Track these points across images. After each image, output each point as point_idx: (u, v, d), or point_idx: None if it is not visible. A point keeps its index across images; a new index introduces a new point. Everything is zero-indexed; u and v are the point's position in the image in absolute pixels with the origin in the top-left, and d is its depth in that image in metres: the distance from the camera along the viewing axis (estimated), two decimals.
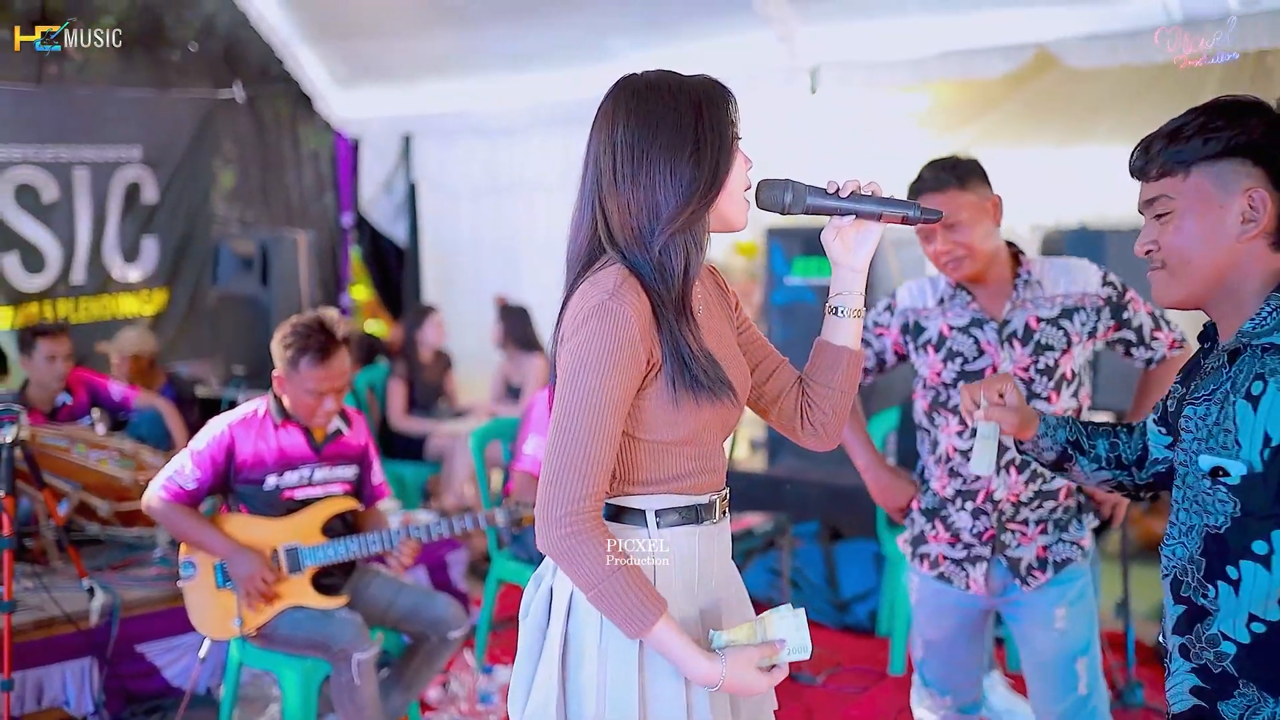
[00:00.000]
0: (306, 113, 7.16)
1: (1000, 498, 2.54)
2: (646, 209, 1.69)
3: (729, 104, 1.72)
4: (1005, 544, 2.55)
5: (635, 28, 5.83)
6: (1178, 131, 1.61)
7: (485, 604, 4.27)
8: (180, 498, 3.20)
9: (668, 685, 1.71)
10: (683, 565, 1.75)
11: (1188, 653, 1.62)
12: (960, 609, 2.64)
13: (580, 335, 1.66)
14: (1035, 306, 2.52)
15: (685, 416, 1.71)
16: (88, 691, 3.63)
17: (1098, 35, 4.71)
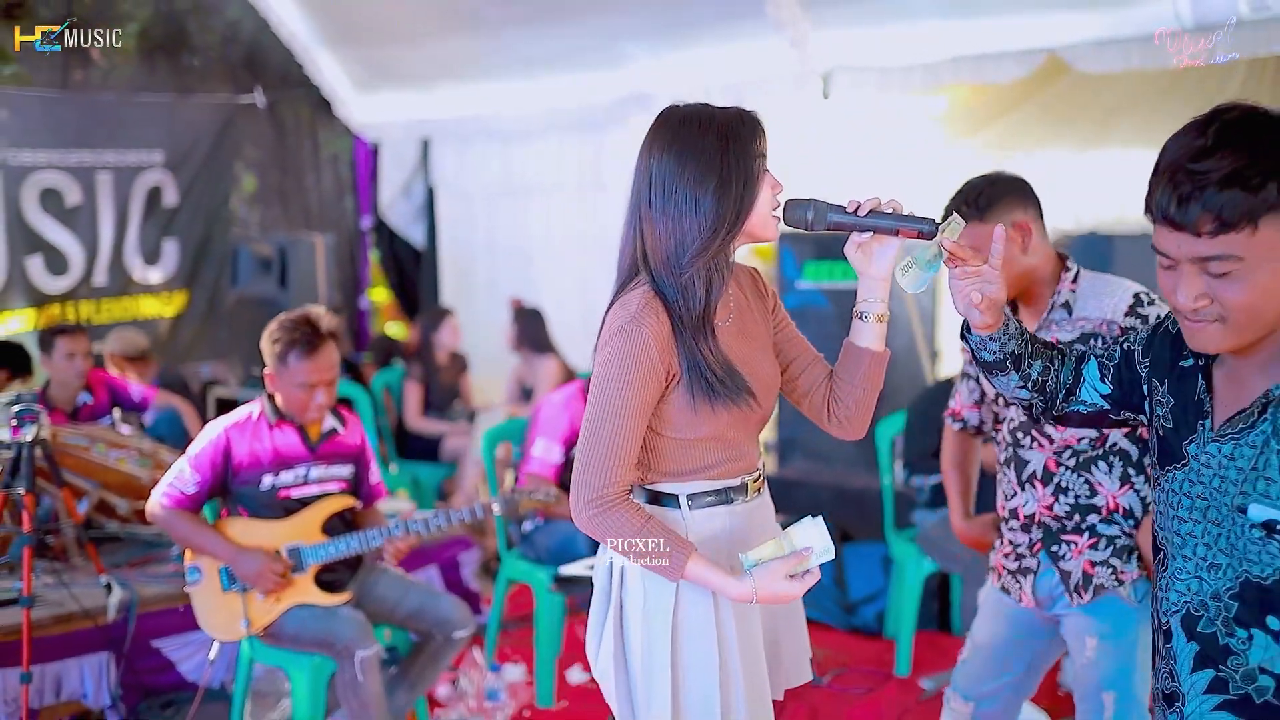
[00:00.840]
0: (326, 117, 7.26)
1: (1032, 513, 2.51)
2: (675, 238, 1.88)
3: (756, 136, 1.89)
4: (1057, 554, 2.49)
5: (649, 33, 5.88)
6: (1237, 177, 1.37)
7: (495, 603, 4.31)
8: (182, 503, 3.25)
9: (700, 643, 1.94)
10: (713, 541, 1.97)
11: (1225, 686, 1.55)
12: (1013, 620, 2.59)
13: (605, 352, 1.90)
14: (1059, 329, 2.45)
15: (704, 419, 1.93)
16: (105, 685, 3.70)
17: (1109, 40, 4.71)
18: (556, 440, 4.09)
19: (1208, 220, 1.39)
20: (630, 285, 1.93)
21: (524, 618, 4.76)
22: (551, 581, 3.92)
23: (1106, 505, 2.44)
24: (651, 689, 1.94)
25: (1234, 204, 1.37)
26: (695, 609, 1.95)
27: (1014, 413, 2.55)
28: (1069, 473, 2.46)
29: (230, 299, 6.26)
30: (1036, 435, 2.49)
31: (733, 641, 1.95)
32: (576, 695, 4.11)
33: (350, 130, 7.36)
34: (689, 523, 1.97)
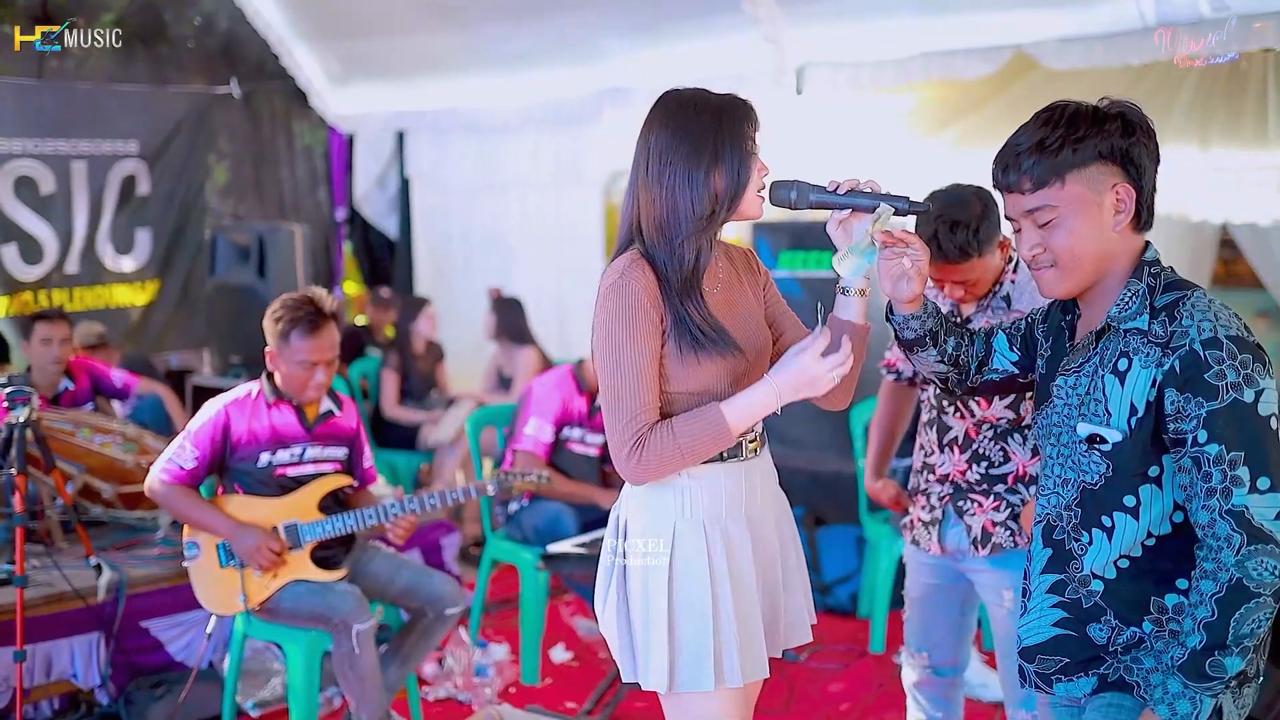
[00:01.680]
0: (301, 109, 7.28)
1: (947, 473, 2.70)
2: (667, 207, 2.01)
3: (748, 120, 2.03)
4: (962, 509, 2.69)
5: (626, 28, 5.95)
6: (1042, 145, 1.76)
7: (479, 584, 4.39)
8: (181, 479, 3.31)
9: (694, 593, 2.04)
10: (712, 497, 2.07)
11: (1063, 588, 1.86)
12: (935, 569, 2.79)
13: (602, 312, 2.01)
14: (994, 316, 2.61)
15: (693, 371, 2.02)
16: (94, 665, 3.74)
17: (1074, 38, 4.85)
18: (548, 420, 4.17)
19: (1025, 180, 1.78)
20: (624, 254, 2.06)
21: (505, 600, 4.84)
22: (538, 560, 4.00)
23: (1015, 472, 2.63)
24: (650, 638, 2.04)
25: (1041, 165, 1.76)
26: (689, 564, 2.04)
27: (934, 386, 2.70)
28: (987, 441, 2.64)
29: (208, 287, 6.27)
30: (960, 408, 2.67)
31: (726, 593, 2.04)
32: (560, 673, 4.19)
33: (325, 122, 7.38)
34: (689, 479, 2.05)
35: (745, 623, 2.06)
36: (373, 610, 3.36)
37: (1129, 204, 1.77)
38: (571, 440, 4.32)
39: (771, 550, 2.16)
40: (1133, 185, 1.77)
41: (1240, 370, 1.67)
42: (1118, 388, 1.76)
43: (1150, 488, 1.77)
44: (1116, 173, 1.77)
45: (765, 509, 2.15)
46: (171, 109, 6.62)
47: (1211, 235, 6.12)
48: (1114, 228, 1.78)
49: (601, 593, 2.16)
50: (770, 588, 2.15)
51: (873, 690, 4.01)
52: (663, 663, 2.03)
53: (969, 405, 2.65)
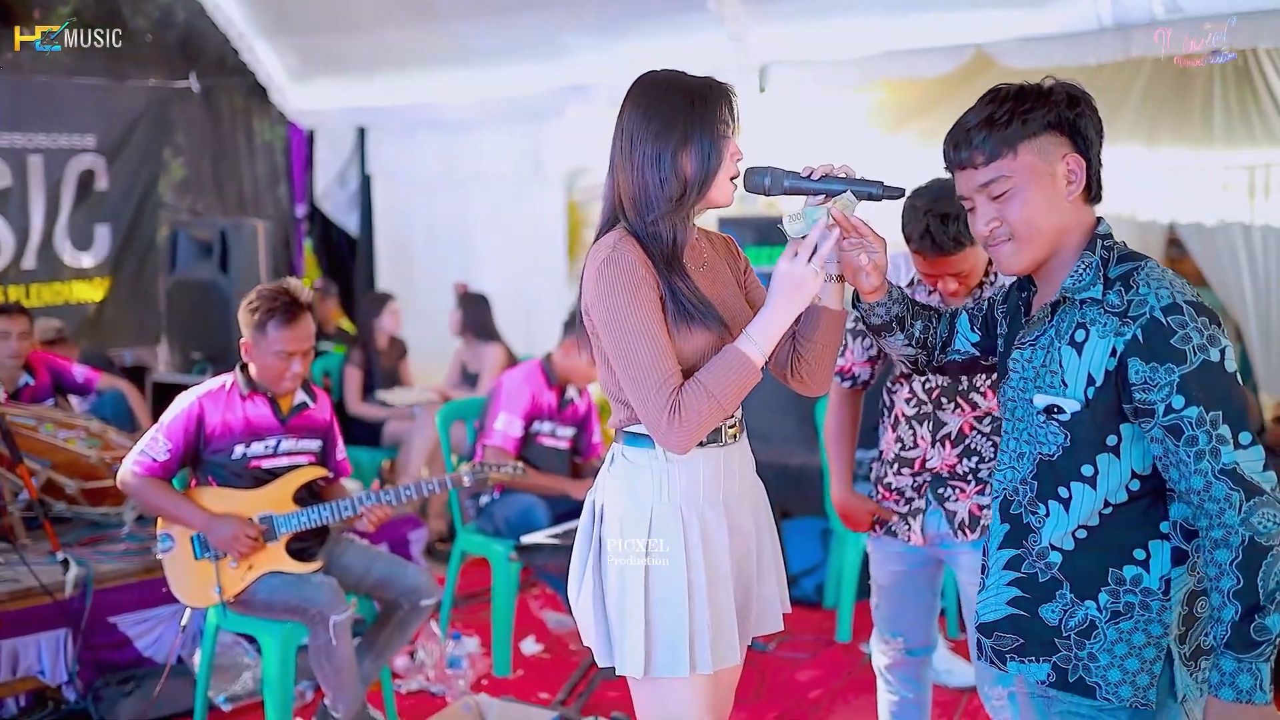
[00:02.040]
0: (261, 104, 7.23)
1: (933, 466, 2.72)
2: (638, 186, 2.02)
3: (721, 103, 2.02)
4: (944, 496, 2.71)
5: (590, 25, 5.97)
6: (991, 120, 1.79)
7: (449, 578, 4.40)
8: (154, 471, 3.28)
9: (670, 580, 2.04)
10: (690, 481, 2.07)
11: (1019, 563, 1.87)
12: (906, 556, 2.83)
13: (600, 286, 1.99)
14: None
15: (682, 345, 2.01)
16: (62, 661, 3.71)
17: (1033, 38, 4.95)
18: (517, 414, 4.19)
19: (978, 155, 1.80)
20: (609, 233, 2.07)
21: (473, 594, 4.85)
22: (511, 552, 4.01)
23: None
24: (626, 622, 2.04)
25: (991, 139, 1.79)
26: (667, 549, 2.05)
27: (934, 379, 2.71)
28: (981, 437, 2.67)
29: (168, 284, 6.20)
30: (961, 402, 2.68)
31: (701, 579, 2.04)
32: (531, 665, 4.21)
33: (286, 118, 7.34)
34: (667, 462, 2.05)
35: (718, 609, 2.07)
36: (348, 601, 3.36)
37: (1080, 174, 1.80)
38: (542, 434, 4.34)
39: (748, 538, 2.16)
40: (1081, 155, 1.80)
41: (1203, 331, 1.69)
42: (1075, 358, 1.78)
43: (1109, 456, 1.79)
44: (1065, 143, 1.80)
45: (743, 496, 2.15)
46: (129, 103, 6.55)
47: (1159, 234, 6.25)
48: (1067, 197, 1.81)
49: (576, 578, 2.15)
50: (744, 575, 2.15)
51: (841, 677, 4.07)
52: (638, 647, 2.03)
53: (971, 398, 2.66)
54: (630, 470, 2.08)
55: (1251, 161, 5.76)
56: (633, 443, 2.10)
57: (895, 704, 2.95)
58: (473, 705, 3.30)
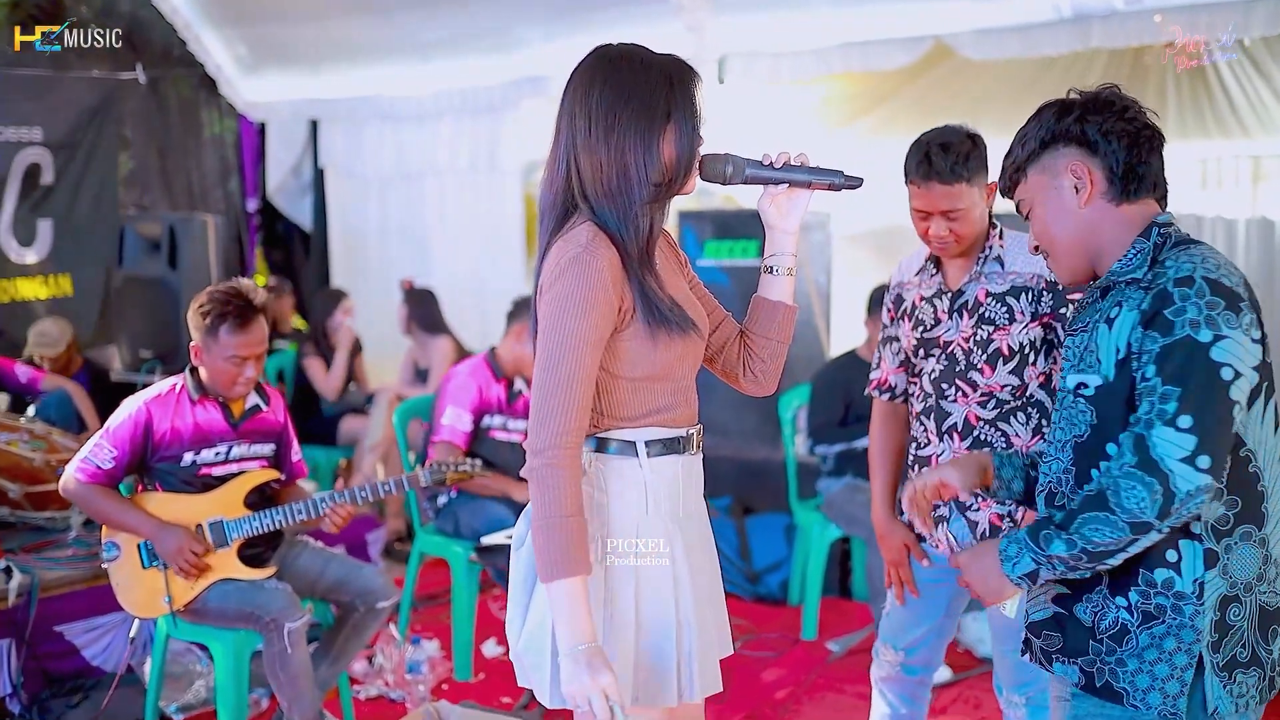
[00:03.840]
0: (210, 96, 7.08)
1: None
2: (616, 168, 1.84)
3: (696, 82, 1.88)
4: (966, 505, 2.59)
5: (545, 17, 5.91)
6: (1009, 153, 1.91)
7: (408, 579, 4.32)
8: (98, 478, 3.16)
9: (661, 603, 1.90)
10: (669, 492, 1.94)
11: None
12: (929, 572, 2.69)
13: (559, 285, 1.83)
14: (989, 280, 2.55)
15: (661, 352, 1.89)
16: (5, 672, 3.59)
17: (990, 29, 4.94)
18: (465, 408, 4.11)
19: (1006, 184, 1.93)
20: (570, 223, 1.88)
21: (432, 596, 4.77)
22: (470, 553, 3.94)
23: None
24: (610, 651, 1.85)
25: (1010, 172, 1.90)
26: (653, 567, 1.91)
27: (933, 364, 2.63)
28: (988, 426, 2.57)
29: (117, 279, 6.05)
30: (960, 385, 2.58)
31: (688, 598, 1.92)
32: (493, 668, 4.14)
33: (235, 110, 7.19)
34: (648, 471, 1.90)
35: (705, 632, 1.94)
36: (303, 607, 3.27)
37: (1087, 177, 1.81)
38: (494, 428, 4.25)
39: (710, 551, 2.04)
40: (1091, 159, 1.81)
41: (1204, 310, 1.65)
42: (1107, 334, 1.76)
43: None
44: (1071, 152, 1.82)
45: (700, 506, 2.03)
46: (74, 95, 6.36)
47: None
48: (1081, 204, 1.82)
49: (519, 612, 1.94)
50: (714, 593, 2.03)
51: (808, 676, 4.03)
52: (626, 676, 1.87)
53: (970, 378, 2.56)
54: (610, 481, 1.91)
55: (1204, 155, 5.80)
56: (606, 449, 1.92)
57: (887, 717, 2.83)
58: (433, 712, 3.22)
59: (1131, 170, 1.81)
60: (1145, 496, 1.63)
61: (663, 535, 1.92)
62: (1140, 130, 1.82)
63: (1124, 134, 1.81)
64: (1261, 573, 1.73)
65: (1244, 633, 1.72)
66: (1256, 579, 1.72)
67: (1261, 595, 1.73)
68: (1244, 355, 1.66)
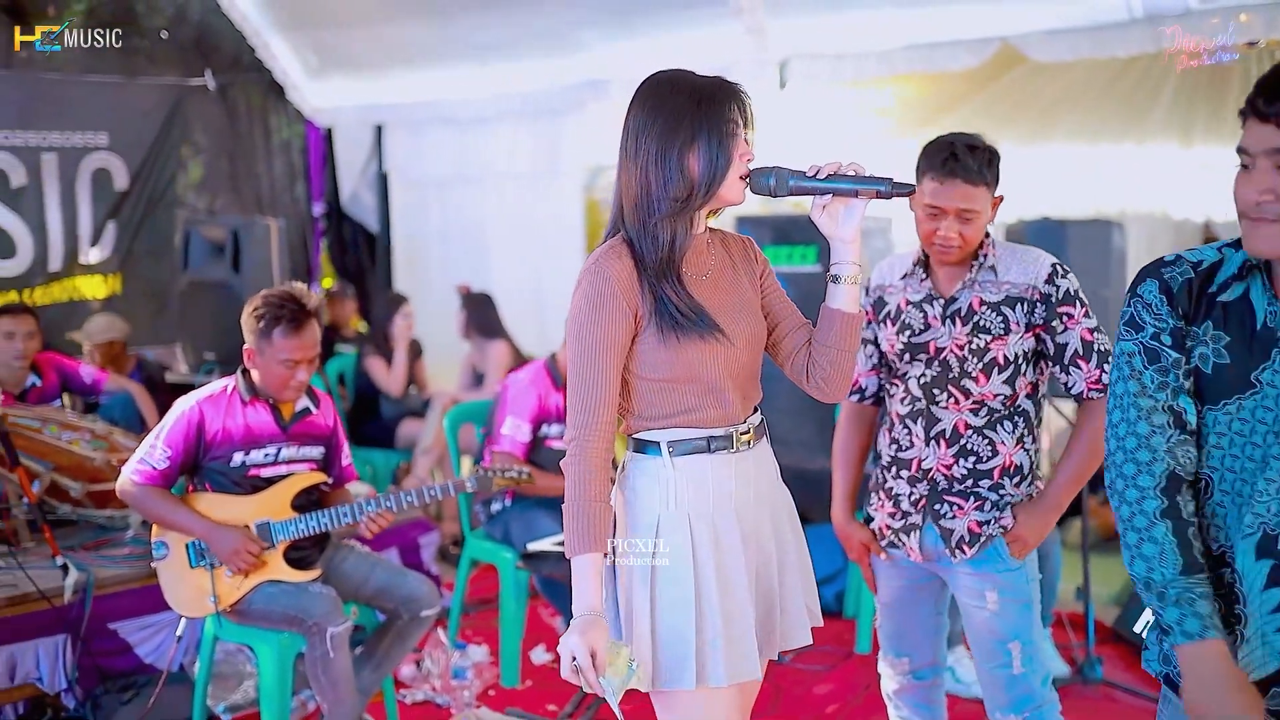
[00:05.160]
0: (278, 102, 7.17)
1: (930, 468, 2.60)
2: (640, 186, 1.99)
3: (729, 102, 1.97)
4: (939, 513, 2.60)
5: (605, 20, 5.88)
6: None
7: (458, 585, 4.30)
8: (153, 479, 3.20)
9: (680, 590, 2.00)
10: (697, 489, 2.03)
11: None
12: (908, 572, 2.72)
13: (575, 294, 2.01)
14: (983, 289, 2.55)
15: (676, 356, 1.99)
16: (61, 668, 3.63)
17: (1060, 30, 4.81)
18: (525, 419, 4.08)
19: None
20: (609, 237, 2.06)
21: (483, 601, 4.76)
22: (519, 560, 3.92)
23: (1001, 465, 2.56)
24: (631, 633, 2.01)
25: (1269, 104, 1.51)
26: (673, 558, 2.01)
27: (921, 369, 2.60)
28: (975, 434, 2.56)
29: (182, 282, 6.14)
30: (953, 391, 2.56)
31: (711, 589, 2.00)
32: (540, 675, 4.11)
33: (302, 115, 7.27)
34: (674, 470, 2.02)
35: (732, 621, 2.01)
36: (347, 611, 3.26)
37: None
38: (550, 437, 4.21)
39: (767, 547, 2.10)
40: None
41: None
42: None
43: None
44: None
45: (760, 504, 2.09)
46: (144, 101, 6.51)
47: (1194, 233, 6.09)
48: None
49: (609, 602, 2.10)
50: (765, 587, 2.09)
51: (859, 692, 3.95)
52: (645, 659, 1.98)
53: (963, 385, 2.55)
54: (636, 478, 2.05)
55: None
56: (639, 449, 2.07)
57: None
58: (474, 718, 3.21)
59: None
60: None
61: (686, 531, 2.01)
62: None
63: None
64: None
65: None
66: None
67: None
68: None
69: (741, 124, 1.98)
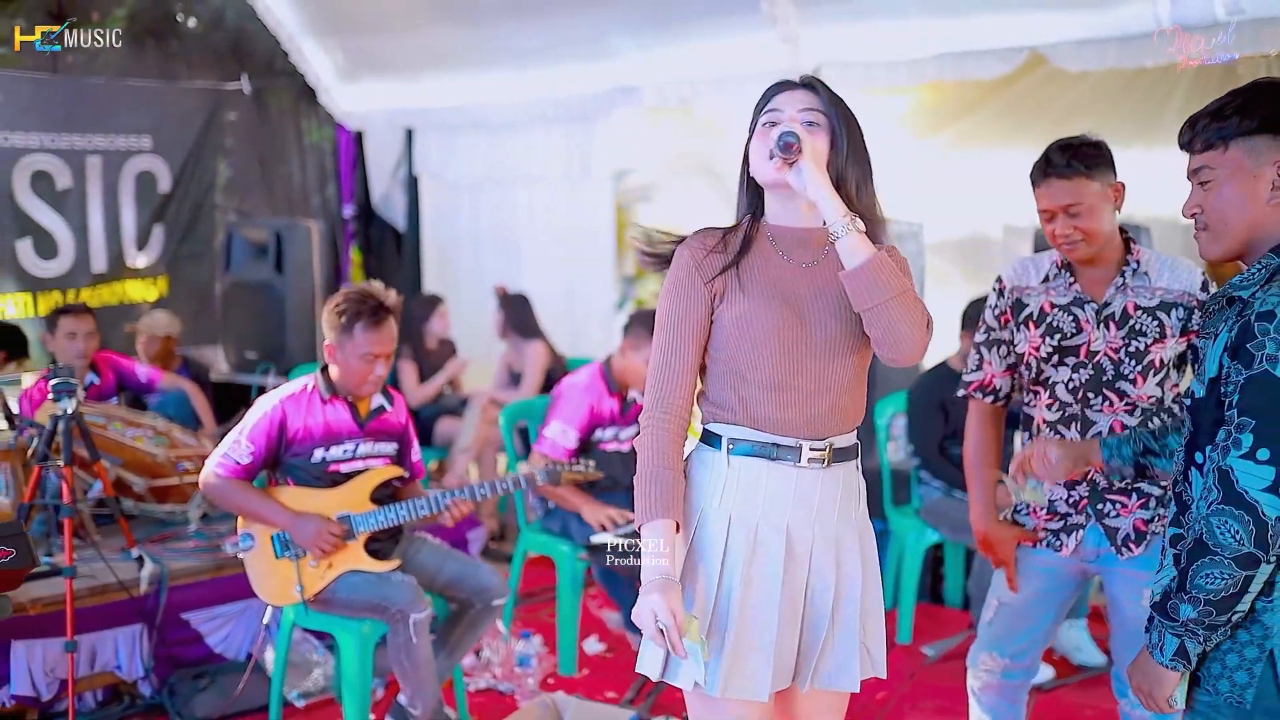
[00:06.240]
0: (310, 105, 7.29)
1: (1087, 470, 2.58)
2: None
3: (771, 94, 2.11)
4: (1104, 512, 2.61)
5: (638, 26, 5.99)
6: (1220, 110, 1.81)
7: (512, 577, 4.43)
8: (237, 473, 3.34)
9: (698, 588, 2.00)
10: (747, 493, 2.03)
11: (1177, 542, 1.85)
12: (1048, 574, 2.70)
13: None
14: (1136, 294, 2.58)
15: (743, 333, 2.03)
16: (138, 657, 3.76)
17: (1089, 40, 4.94)
18: (574, 425, 4.14)
19: (1197, 141, 1.86)
20: None
21: (531, 593, 4.89)
22: (579, 551, 4.05)
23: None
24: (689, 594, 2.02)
25: (1212, 129, 1.83)
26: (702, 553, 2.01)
27: (1069, 373, 2.62)
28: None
29: (225, 283, 6.27)
30: (1108, 394, 2.59)
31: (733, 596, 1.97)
32: (595, 664, 4.25)
33: (334, 119, 7.39)
34: (729, 467, 2.01)
35: (744, 635, 1.97)
36: None
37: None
38: (604, 441, 4.28)
39: (825, 573, 2.02)
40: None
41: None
42: (1211, 348, 1.81)
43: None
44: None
45: (823, 527, 2.02)
46: (182, 104, 6.64)
47: None
48: (1268, 201, 1.78)
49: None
50: (815, 615, 2.02)
51: (905, 679, 4.09)
52: (657, 649, 1.97)
53: (1119, 387, 2.58)
54: (694, 466, 2.06)
55: None
56: (706, 439, 2.08)
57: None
58: (550, 704, 3.34)
59: None
60: (1239, 528, 1.68)
61: (723, 531, 2.00)
62: None
63: None
64: None
65: None
66: None
67: None
68: None
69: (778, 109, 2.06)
